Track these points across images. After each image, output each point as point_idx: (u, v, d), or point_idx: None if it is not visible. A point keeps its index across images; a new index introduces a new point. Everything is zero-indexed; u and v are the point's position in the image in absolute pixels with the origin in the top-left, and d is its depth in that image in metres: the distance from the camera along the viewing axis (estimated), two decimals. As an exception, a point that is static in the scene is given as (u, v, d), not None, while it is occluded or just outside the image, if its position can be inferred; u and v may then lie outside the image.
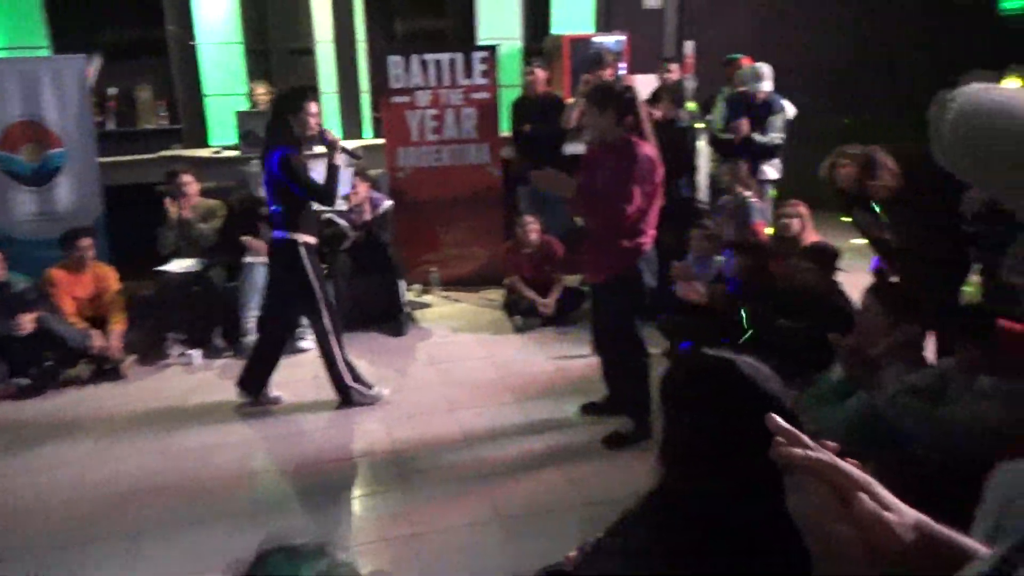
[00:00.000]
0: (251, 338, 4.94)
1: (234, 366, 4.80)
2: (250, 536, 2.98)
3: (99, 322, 4.93)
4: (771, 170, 5.81)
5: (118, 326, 4.92)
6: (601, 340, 3.79)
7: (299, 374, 4.59)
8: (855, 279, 4.32)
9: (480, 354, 4.94)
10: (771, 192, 5.84)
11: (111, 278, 5.08)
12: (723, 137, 5.77)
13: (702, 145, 5.72)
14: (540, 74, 5.97)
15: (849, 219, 4.27)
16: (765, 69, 5.63)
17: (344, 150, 4.07)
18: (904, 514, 0.74)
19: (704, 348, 1.42)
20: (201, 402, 4.38)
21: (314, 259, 4.04)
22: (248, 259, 5.13)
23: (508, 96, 6.38)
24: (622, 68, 6.66)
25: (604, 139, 3.44)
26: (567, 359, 4.74)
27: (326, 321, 4.04)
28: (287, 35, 7.46)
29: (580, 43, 7.26)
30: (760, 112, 5.66)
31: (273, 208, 3.99)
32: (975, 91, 0.59)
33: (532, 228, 5.43)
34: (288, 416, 4.16)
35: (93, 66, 6.08)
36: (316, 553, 0.93)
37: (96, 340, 4.77)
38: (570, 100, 6.15)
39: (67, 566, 2.93)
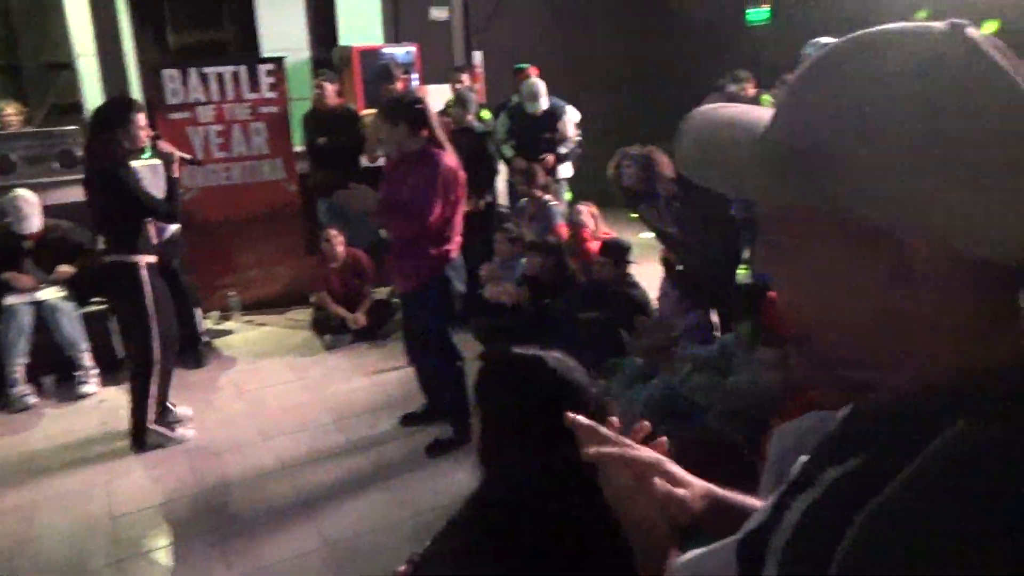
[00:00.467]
0: (21, 388, 4.41)
1: (4, 422, 4.27)
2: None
3: None
4: (565, 170, 6.10)
5: None
6: (415, 349, 3.79)
7: (83, 423, 4.15)
8: (646, 270, 4.67)
9: (291, 378, 4.74)
10: (566, 193, 6.14)
11: None
12: (505, 154, 5.95)
13: (491, 149, 5.88)
14: (329, 87, 5.85)
15: (636, 215, 4.60)
16: (539, 87, 5.78)
17: (184, 159, 3.82)
18: (694, 486, 0.82)
19: (512, 347, 1.47)
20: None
21: (156, 280, 3.75)
22: (9, 300, 4.54)
23: (299, 109, 6.19)
24: (414, 79, 6.70)
25: (403, 151, 3.44)
26: (383, 373, 4.67)
27: (155, 351, 3.73)
28: (41, 49, 6.73)
29: (370, 54, 7.20)
30: (545, 122, 5.88)
31: (104, 230, 3.70)
32: (709, 109, 0.69)
33: (337, 242, 5.30)
34: (75, 470, 3.74)
35: None
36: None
37: None
38: (364, 112, 6.09)
39: None
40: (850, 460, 0.61)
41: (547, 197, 5.40)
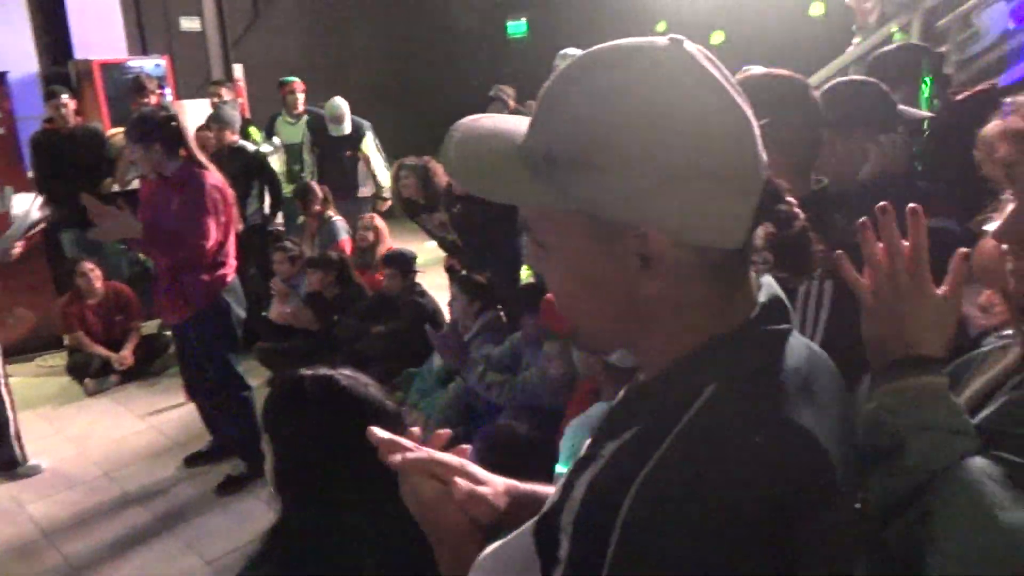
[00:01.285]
0: None
1: None
2: None
3: None
4: (367, 188, 5.87)
5: None
6: (195, 383, 3.52)
7: None
8: (432, 279, 4.72)
9: (49, 432, 4.19)
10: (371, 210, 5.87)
11: None
12: (307, 168, 5.69)
13: (273, 167, 5.59)
14: (70, 105, 5.24)
15: (417, 224, 4.63)
16: (343, 108, 5.51)
17: None
18: (495, 484, 0.85)
19: (301, 369, 1.42)
20: None
21: None
22: None
23: (29, 130, 5.48)
24: (167, 94, 6.23)
25: (161, 173, 3.18)
26: (159, 413, 4.28)
27: None
28: None
29: (114, 68, 6.59)
30: (353, 140, 5.66)
31: None
32: (473, 119, 0.74)
33: (94, 276, 4.79)
34: None
35: None
36: None
37: None
38: (111, 132, 5.55)
39: None
40: (625, 433, 0.67)
41: (330, 213, 5.26)
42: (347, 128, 5.56)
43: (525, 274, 4.58)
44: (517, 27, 8.30)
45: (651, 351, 0.70)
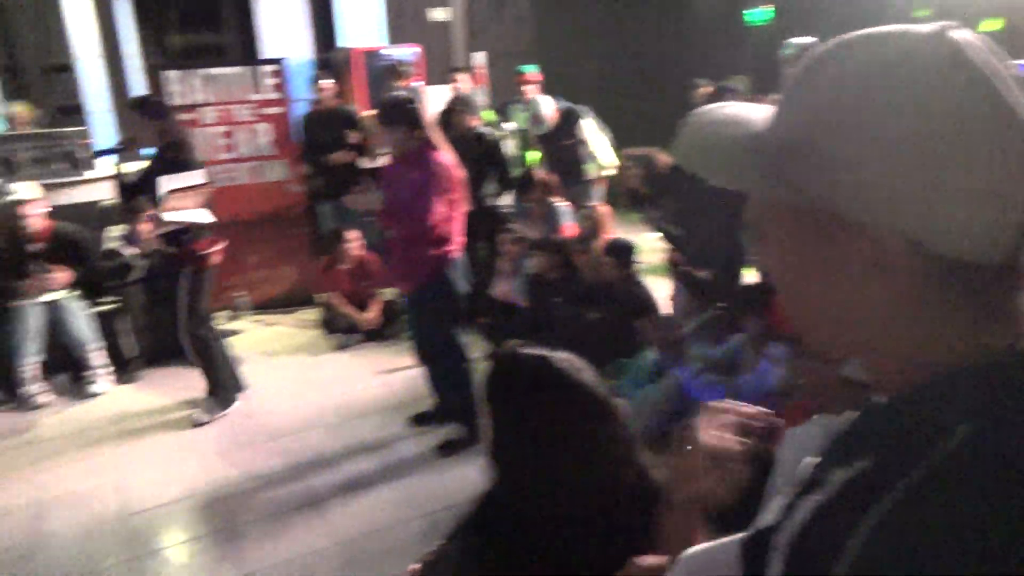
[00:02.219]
0: (30, 388, 4.46)
1: (14, 419, 4.30)
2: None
3: None
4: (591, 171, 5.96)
5: None
6: (423, 349, 3.80)
7: (94, 422, 4.18)
8: (652, 272, 4.69)
9: (299, 377, 4.76)
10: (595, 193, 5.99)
11: None
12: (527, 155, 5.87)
13: (506, 151, 5.85)
14: (328, 88, 5.88)
15: (640, 215, 4.62)
16: (541, 107, 5.54)
17: None
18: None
19: (519, 348, 1.48)
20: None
21: None
22: (17, 302, 4.57)
23: (301, 111, 6.21)
24: (417, 80, 6.72)
25: (400, 152, 3.47)
26: (392, 372, 4.69)
27: None
28: (40, 52, 6.75)
29: (371, 56, 7.22)
30: (566, 125, 5.69)
31: None
32: (713, 107, 0.72)
33: (356, 245, 5.32)
34: (87, 468, 3.76)
35: None
36: None
37: None
38: (365, 113, 6.10)
39: None
40: (856, 462, 0.62)
41: (553, 199, 5.40)
42: (547, 127, 5.58)
43: (749, 272, 4.41)
44: (759, 14, 7.90)
45: (885, 369, 0.64)
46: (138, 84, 6.82)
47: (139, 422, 4.21)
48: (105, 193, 5.24)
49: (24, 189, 4.51)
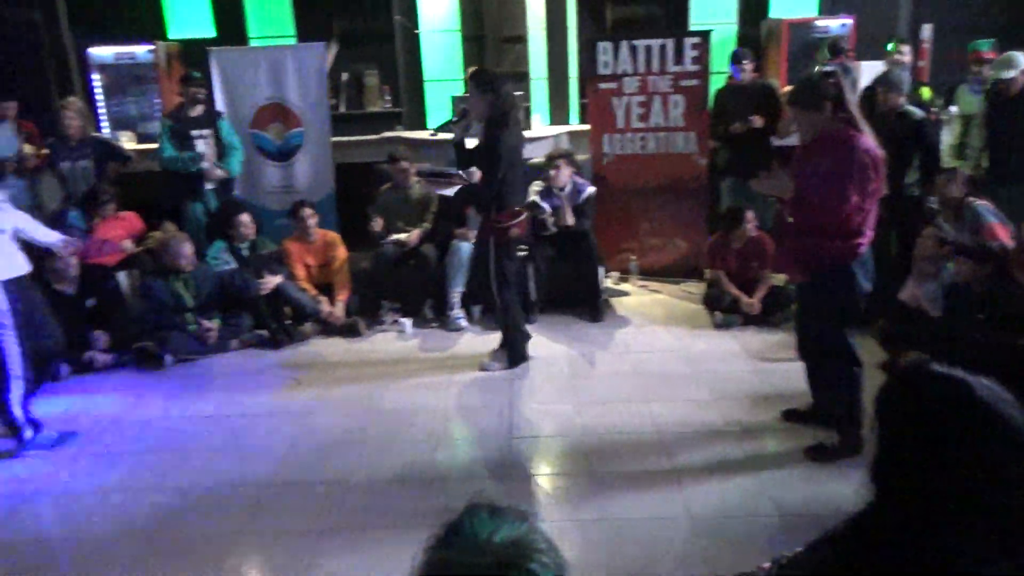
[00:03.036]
0: (456, 312, 5.27)
1: (440, 336, 5.17)
2: (441, 497, 3.23)
3: (326, 288, 5.50)
4: None
5: (343, 296, 5.46)
6: (807, 345, 3.57)
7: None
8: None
9: (675, 347, 4.87)
10: None
11: (338, 245, 5.61)
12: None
13: (938, 138, 5.15)
14: (749, 66, 5.77)
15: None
16: (1015, 62, 4.88)
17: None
18: None
19: (932, 364, 1.31)
20: (407, 368, 4.73)
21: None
22: (456, 239, 5.44)
23: (716, 83, 6.18)
24: (849, 56, 6.22)
25: (816, 135, 3.24)
26: (768, 361, 4.54)
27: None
28: (501, 24, 7.71)
29: (800, 27, 6.86)
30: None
31: None
32: None
33: (751, 224, 5.23)
34: (486, 390, 4.36)
35: (330, 53, 6.67)
36: (518, 517, 0.98)
37: (324, 307, 5.37)
38: (786, 89, 5.84)
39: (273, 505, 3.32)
40: None
41: (970, 197, 4.60)
42: (1011, 74, 4.82)
43: None
44: None
45: None
46: (573, 55, 7.44)
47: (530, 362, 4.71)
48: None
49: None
